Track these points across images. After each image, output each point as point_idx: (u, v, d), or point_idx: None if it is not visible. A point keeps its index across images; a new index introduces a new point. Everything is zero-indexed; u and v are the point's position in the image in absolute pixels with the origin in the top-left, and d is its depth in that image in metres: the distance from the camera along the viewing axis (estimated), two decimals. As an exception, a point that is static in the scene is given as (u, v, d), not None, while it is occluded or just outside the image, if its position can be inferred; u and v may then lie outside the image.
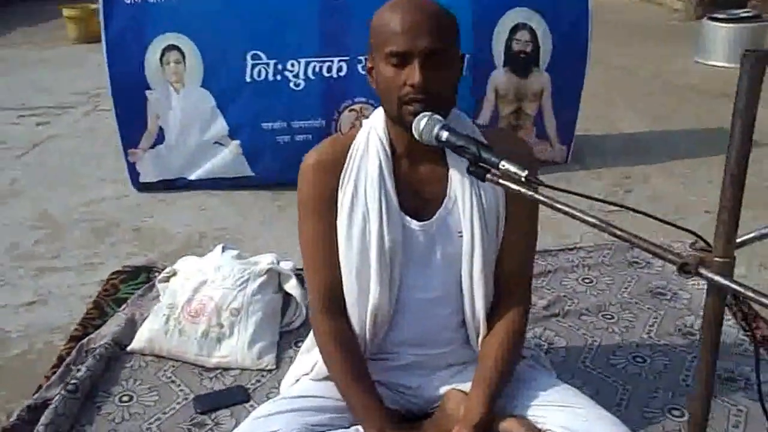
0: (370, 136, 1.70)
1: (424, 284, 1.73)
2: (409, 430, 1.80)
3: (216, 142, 3.57)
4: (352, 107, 3.54)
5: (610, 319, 2.53)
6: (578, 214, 1.11)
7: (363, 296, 1.71)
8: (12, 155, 4.38)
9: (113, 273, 2.82)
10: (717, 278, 1.05)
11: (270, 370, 2.29)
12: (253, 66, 3.43)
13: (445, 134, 1.47)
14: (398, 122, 1.61)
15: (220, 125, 3.53)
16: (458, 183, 1.67)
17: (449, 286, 1.73)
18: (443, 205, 1.68)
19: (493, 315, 1.77)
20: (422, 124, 1.50)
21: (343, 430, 1.68)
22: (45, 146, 4.54)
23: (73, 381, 2.18)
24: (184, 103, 3.50)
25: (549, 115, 3.81)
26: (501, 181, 1.28)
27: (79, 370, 2.25)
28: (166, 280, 2.61)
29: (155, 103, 3.51)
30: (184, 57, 3.43)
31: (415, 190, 1.69)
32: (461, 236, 1.70)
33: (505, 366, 1.71)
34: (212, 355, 2.32)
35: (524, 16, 3.60)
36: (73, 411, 2.12)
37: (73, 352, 2.35)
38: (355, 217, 1.67)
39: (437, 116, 1.51)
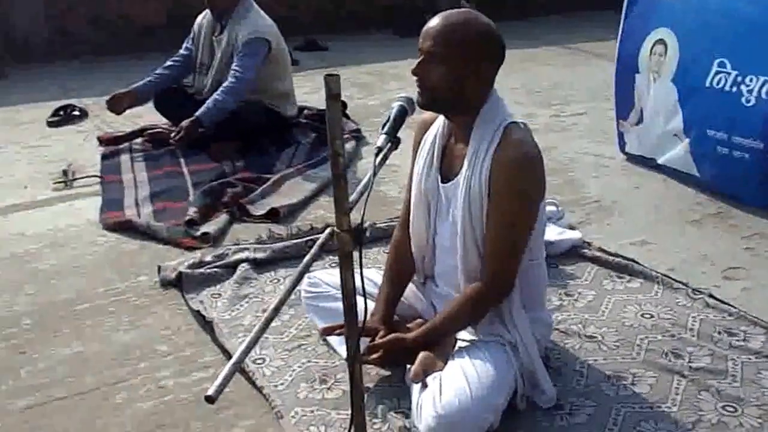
0: None
1: (442, 233, 2.24)
2: (396, 328, 2.27)
3: (674, 135, 3.82)
4: (797, 138, 3.30)
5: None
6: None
7: (412, 226, 2.30)
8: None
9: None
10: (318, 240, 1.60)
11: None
12: (717, 73, 3.53)
13: (393, 107, 1.96)
14: None
15: (678, 120, 3.76)
16: (467, 161, 2.10)
17: (453, 242, 2.18)
18: (457, 177, 2.15)
19: None
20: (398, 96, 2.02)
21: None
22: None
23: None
24: (656, 92, 3.87)
25: None
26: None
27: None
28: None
29: (640, 86, 3.98)
30: (666, 51, 3.77)
31: (450, 158, 2.21)
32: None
33: (446, 320, 2.14)
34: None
35: None
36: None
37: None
38: (416, 166, 2.29)
39: (407, 96, 2.00)
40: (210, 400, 1.33)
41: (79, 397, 2.27)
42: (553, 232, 3.06)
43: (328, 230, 1.61)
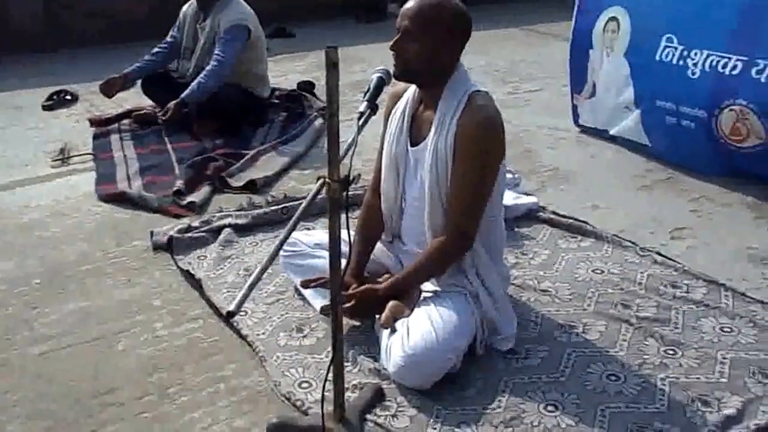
0: None
1: (410, 194, 2.44)
2: (366, 283, 2.47)
3: (626, 107, 4.10)
4: (732, 107, 3.56)
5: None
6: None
7: (383, 187, 2.49)
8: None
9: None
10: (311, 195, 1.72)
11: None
12: (665, 47, 3.81)
13: (373, 78, 2.13)
14: None
15: (629, 93, 4.05)
16: (435, 126, 2.31)
17: (421, 201, 2.38)
18: (425, 140, 2.35)
19: None
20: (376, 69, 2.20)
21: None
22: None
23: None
24: (609, 67, 4.15)
25: None
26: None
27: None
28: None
29: (594, 61, 4.26)
30: (619, 28, 4.05)
31: (419, 124, 2.41)
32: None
33: (413, 272, 2.35)
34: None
35: None
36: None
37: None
38: (387, 133, 2.49)
39: (385, 69, 2.17)
40: (231, 314, 1.55)
41: (87, 344, 2.55)
42: (509, 197, 3.23)
43: (320, 180, 1.75)
